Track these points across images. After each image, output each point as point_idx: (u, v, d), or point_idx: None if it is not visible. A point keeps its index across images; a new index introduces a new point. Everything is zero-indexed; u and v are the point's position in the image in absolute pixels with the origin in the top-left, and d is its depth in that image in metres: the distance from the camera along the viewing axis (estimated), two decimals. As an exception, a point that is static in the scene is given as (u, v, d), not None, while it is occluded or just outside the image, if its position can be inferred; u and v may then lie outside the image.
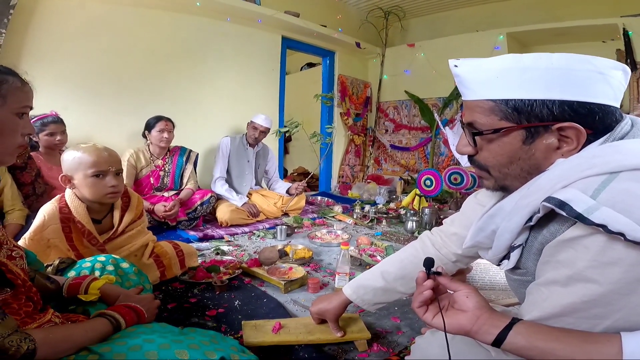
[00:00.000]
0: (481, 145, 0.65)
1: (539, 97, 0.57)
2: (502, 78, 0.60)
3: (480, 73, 0.62)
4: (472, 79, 0.64)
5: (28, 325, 0.71)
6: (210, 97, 3.35)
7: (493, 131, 0.62)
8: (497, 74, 0.60)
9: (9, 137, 0.70)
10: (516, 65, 0.59)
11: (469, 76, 0.64)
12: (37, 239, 1.24)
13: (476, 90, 0.63)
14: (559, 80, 0.56)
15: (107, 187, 1.30)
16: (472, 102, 0.64)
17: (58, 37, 2.48)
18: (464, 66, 0.65)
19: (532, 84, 0.57)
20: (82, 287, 0.92)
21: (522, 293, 0.65)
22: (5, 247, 0.72)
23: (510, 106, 0.59)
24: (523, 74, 0.58)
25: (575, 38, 3.67)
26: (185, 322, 1.30)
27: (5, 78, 0.69)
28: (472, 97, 0.64)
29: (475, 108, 0.64)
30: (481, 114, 0.63)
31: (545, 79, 0.57)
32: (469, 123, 0.65)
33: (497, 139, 0.62)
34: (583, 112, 0.56)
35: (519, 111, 0.59)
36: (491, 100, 0.61)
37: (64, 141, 2.16)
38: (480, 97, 0.63)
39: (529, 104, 0.58)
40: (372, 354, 1.14)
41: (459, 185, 3.09)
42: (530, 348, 0.53)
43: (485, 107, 0.62)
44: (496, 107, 0.61)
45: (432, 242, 1.00)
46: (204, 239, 2.38)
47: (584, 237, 0.50)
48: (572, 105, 0.56)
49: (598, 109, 0.56)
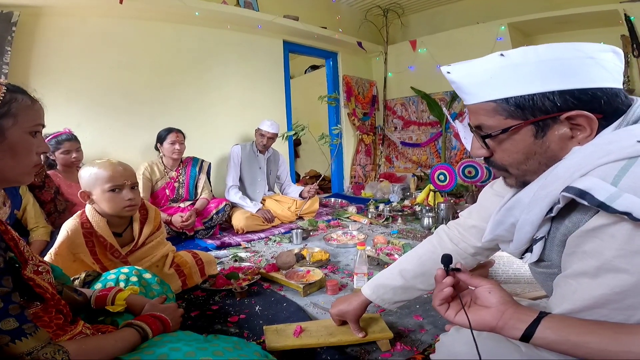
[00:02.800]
0: (494, 146, 0.65)
1: (537, 90, 0.57)
2: (497, 78, 0.60)
3: (474, 76, 0.62)
4: (467, 83, 0.64)
5: (60, 337, 0.73)
6: (217, 106, 3.40)
7: (501, 131, 0.61)
8: (491, 75, 0.60)
9: (24, 157, 0.70)
10: (506, 63, 0.59)
11: (464, 80, 0.64)
12: (62, 253, 1.28)
13: (475, 93, 0.63)
14: (553, 71, 0.56)
15: (124, 201, 1.33)
16: (474, 105, 0.65)
17: (64, 54, 2.55)
18: (456, 72, 0.65)
19: (527, 79, 0.57)
20: (109, 298, 0.94)
21: (549, 286, 0.63)
22: (31, 262, 0.74)
23: (512, 104, 0.59)
24: (516, 71, 0.58)
25: (577, 25, 3.64)
26: (208, 329, 1.32)
27: (15, 96, 0.68)
28: (473, 101, 0.64)
29: (479, 111, 0.64)
30: (486, 116, 0.63)
31: (539, 72, 0.56)
32: (476, 126, 0.65)
33: (508, 138, 0.62)
34: (586, 98, 0.55)
35: (522, 107, 0.58)
36: (492, 101, 0.61)
37: (79, 158, 2.21)
38: (480, 99, 0.63)
39: (529, 98, 0.57)
40: (396, 354, 1.13)
41: (473, 178, 3.05)
42: (562, 342, 0.51)
43: (488, 108, 0.62)
44: (498, 107, 0.61)
45: (450, 236, 0.99)
46: (221, 247, 2.41)
47: (608, 225, 0.49)
48: (572, 93, 0.55)
49: (601, 93, 0.55)
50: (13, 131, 0.67)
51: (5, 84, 0.69)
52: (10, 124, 0.67)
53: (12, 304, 0.61)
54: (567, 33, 3.78)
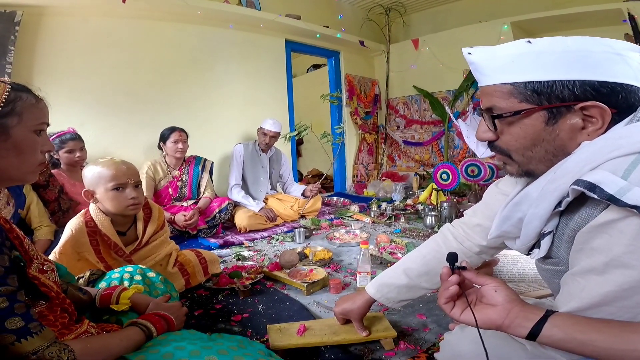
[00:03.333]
0: (502, 129, 0.65)
1: (558, 77, 0.56)
2: (519, 62, 0.59)
3: (496, 60, 0.62)
4: (487, 66, 0.63)
5: (66, 336, 0.73)
6: (220, 105, 3.40)
7: (513, 113, 0.61)
8: (513, 59, 0.60)
9: (29, 155, 0.70)
10: (531, 50, 0.59)
11: (484, 63, 0.64)
12: (67, 252, 1.28)
13: (492, 75, 0.63)
14: (578, 62, 0.55)
15: (127, 199, 1.33)
16: (489, 87, 0.64)
17: (67, 53, 2.56)
18: (477, 53, 0.65)
19: (550, 66, 0.57)
20: (113, 297, 0.95)
21: (555, 284, 0.63)
22: (36, 261, 0.74)
23: (530, 88, 0.59)
24: (539, 58, 0.58)
25: (580, 24, 3.62)
26: (212, 328, 1.32)
27: (19, 95, 0.68)
28: (490, 82, 0.64)
29: (493, 93, 0.63)
30: (500, 98, 0.62)
31: (563, 61, 0.56)
32: (487, 108, 0.65)
33: (518, 122, 0.62)
34: (605, 91, 0.55)
35: (539, 93, 0.58)
36: (509, 83, 0.61)
37: (83, 157, 2.21)
38: (497, 81, 0.62)
39: (549, 85, 0.57)
40: (399, 352, 1.13)
41: (476, 177, 3.04)
42: (569, 340, 0.51)
43: (504, 90, 0.61)
44: (515, 90, 0.60)
45: (454, 235, 0.98)
46: (224, 246, 2.41)
47: (618, 220, 0.49)
48: (593, 84, 0.55)
49: (620, 88, 0.55)
50: (18, 130, 0.67)
51: (10, 82, 0.69)
52: (15, 123, 0.67)
53: (18, 302, 0.61)
54: (571, 32, 3.76)
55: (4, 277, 0.60)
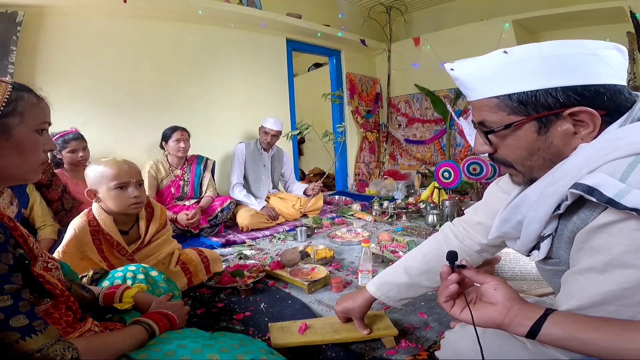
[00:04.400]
0: (497, 142, 0.65)
1: (540, 86, 0.57)
2: (500, 74, 0.60)
3: (478, 73, 0.62)
4: (471, 80, 0.64)
5: (70, 334, 0.74)
6: (221, 105, 3.40)
7: (504, 127, 0.61)
8: (494, 71, 0.60)
9: (31, 155, 0.70)
10: (510, 60, 0.59)
11: (468, 77, 0.64)
12: (70, 251, 1.29)
13: (478, 89, 0.63)
14: (556, 68, 0.56)
15: (129, 198, 1.34)
16: (477, 101, 0.65)
17: (69, 53, 2.57)
18: (460, 68, 0.65)
19: (531, 75, 0.57)
20: (117, 296, 0.95)
21: (556, 283, 0.63)
22: (41, 259, 0.74)
23: (515, 100, 0.59)
24: (519, 67, 0.58)
25: (582, 22, 3.61)
26: (214, 326, 1.33)
27: (20, 95, 0.68)
28: (476, 97, 0.64)
29: (482, 107, 0.64)
30: (489, 112, 0.63)
31: (542, 68, 0.56)
32: (479, 122, 0.65)
33: (511, 134, 0.62)
34: (589, 94, 0.55)
35: (525, 103, 0.58)
36: (494, 97, 0.61)
37: (86, 157, 2.22)
38: (483, 95, 0.63)
39: (532, 94, 0.57)
40: (400, 351, 1.13)
41: (478, 176, 3.03)
42: (569, 339, 0.51)
43: (491, 104, 0.62)
44: (501, 102, 0.61)
45: (455, 233, 0.98)
46: (226, 245, 2.42)
47: (617, 222, 0.49)
48: (575, 89, 0.55)
49: (604, 90, 0.55)
50: (19, 129, 0.68)
51: (11, 82, 0.69)
52: (17, 122, 0.67)
53: (22, 300, 0.61)
54: (572, 30, 3.75)
55: (8, 275, 0.60)
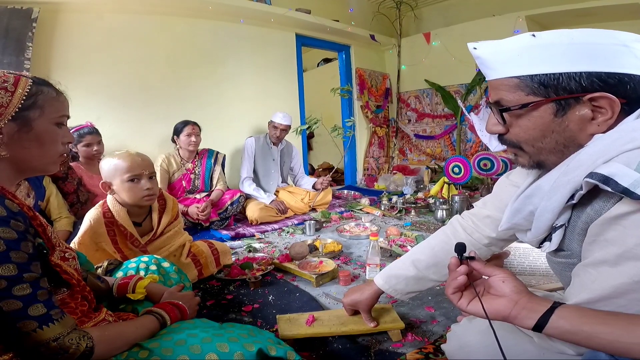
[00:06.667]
0: (510, 122, 0.64)
1: (564, 70, 0.56)
2: (525, 55, 0.59)
3: (501, 53, 0.62)
4: (493, 59, 0.63)
5: (85, 324, 0.76)
6: (232, 99, 3.43)
7: (521, 106, 0.61)
8: (519, 52, 0.60)
9: (51, 147, 0.73)
10: (536, 43, 0.58)
11: (490, 57, 0.64)
12: (85, 242, 1.33)
13: (499, 69, 0.63)
14: (584, 54, 0.55)
15: (142, 190, 1.37)
16: (496, 80, 0.64)
17: (84, 49, 2.62)
18: (483, 47, 0.65)
19: (556, 58, 0.57)
20: (130, 286, 0.98)
21: (566, 276, 0.63)
22: (59, 249, 0.76)
23: (536, 81, 0.58)
24: (545, 50, 0.58)
25: (597, 18, 3.50)
26: (223, 317, 1.35)
27: (40, 89, 0.71)
28: (496, 76, 0.63)
29: (500, 86, 0.63)
30: (507, 91, 0.62)
31: (569, 53, 0.56)
32: (495, 102, 0.65)
33: (527, 114, 0.62)
34: (612, 82, 0.55)
35: (546, 85, 0.58)
36: (515, 77, 0.60)
37: (101, 151, 2.27)
38: (504, 75, 0.62)
39: (555, 77, 0.57)
40: (407, 344, 1.14)
41: (489, 171, 3.00)
42: (576, 332, 0.51)
43: (511, 84, 0.61)
44: (522, 83, 0.60)
45: (463, 226, 0.98)
46: (236, 238, 2.45)
47: (632, 213, 0.49)
48: (600, 75, 0.55)
49: (628, 79, 0.55)
50: (39, 122, 0.70)
51: (31, 77, 0.72)
52: (37, 115, 0.70)
53: (41, 289, 0.63)
54: (587, 26, 3.59)
55: (27, 264, 0.62)
